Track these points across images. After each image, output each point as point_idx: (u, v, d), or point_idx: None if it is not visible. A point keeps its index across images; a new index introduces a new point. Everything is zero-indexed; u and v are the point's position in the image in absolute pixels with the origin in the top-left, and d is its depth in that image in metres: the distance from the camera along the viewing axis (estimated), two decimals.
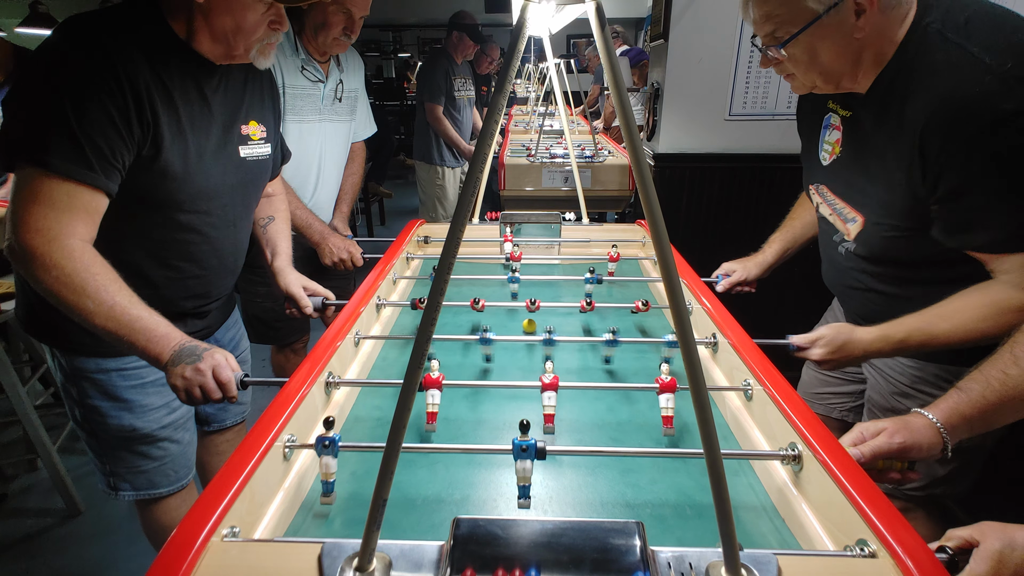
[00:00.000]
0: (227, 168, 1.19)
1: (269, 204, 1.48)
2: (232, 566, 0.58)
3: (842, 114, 1.10)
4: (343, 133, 1.94)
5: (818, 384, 1.43)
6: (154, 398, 1.23)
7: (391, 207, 6.10)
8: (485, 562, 0.54)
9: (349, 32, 1.69)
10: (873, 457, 0.81)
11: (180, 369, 0.98)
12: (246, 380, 1.02)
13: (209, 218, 1.18)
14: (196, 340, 1.03)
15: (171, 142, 1.06)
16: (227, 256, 1.28)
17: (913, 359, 1.13)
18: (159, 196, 1.09)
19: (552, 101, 3.34)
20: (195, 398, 1.00)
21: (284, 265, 1.43)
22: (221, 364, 1.00)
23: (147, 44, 1.03)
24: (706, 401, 0.49)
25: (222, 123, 1.18)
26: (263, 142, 1.29)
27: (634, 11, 7.42)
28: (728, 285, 1.46)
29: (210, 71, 1.13)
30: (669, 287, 0.48)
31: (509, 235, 1.71)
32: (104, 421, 1.21)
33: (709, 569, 0.55)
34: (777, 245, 1.45)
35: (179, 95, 1.07)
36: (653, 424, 0.97)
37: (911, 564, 0.56)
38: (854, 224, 1.10)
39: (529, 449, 0.72)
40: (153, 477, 1.28)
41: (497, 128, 0.48)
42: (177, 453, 1.31)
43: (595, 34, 0.45)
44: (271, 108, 1.34)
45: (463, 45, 3.62)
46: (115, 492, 1.28)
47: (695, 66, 2.20)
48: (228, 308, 1.44)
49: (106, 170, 0.98)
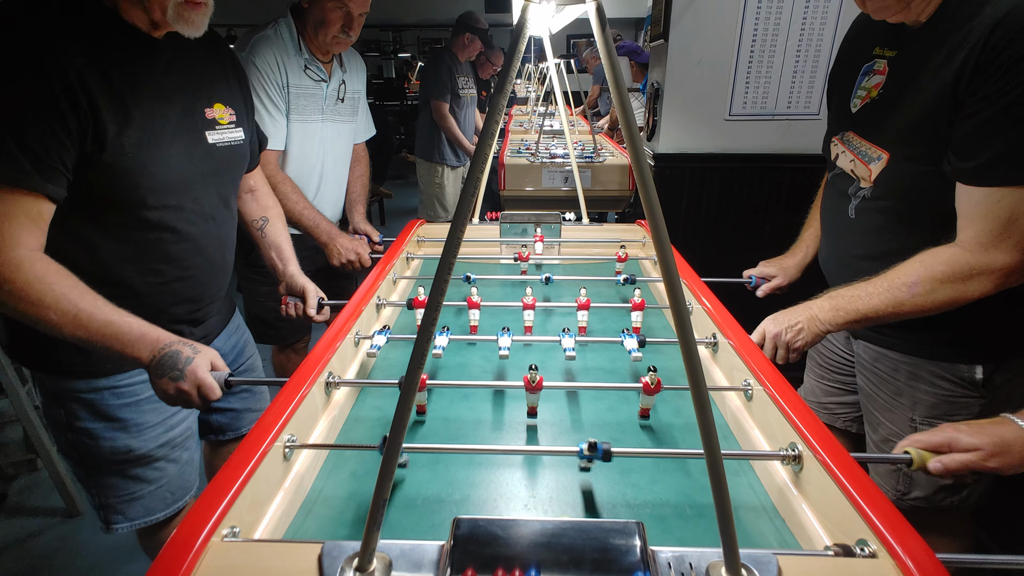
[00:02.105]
0: (193, 156, 1.10)
1: (257, 203, 1.41)
2: (232, 566, 0.58)
3: (889, 55, 1.10)
4: (346, 133, 1.94)
5: (821, 394, 1.43)
6: (150, 416, 1.17)
7: (391, 207, 6.10)
8: (485, 562, 0.54)
9: (348, 29, 1.69)
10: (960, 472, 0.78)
11: (164, 383, 0.95)
12: (230, 380, 0.99)
13: (182, 212, 1.10)
14: (178, 344, 0.98)
15: (117, 132, 0.97)
16: (212, 252, 1.20)
17: (909, 356, 1.13)
18: (119, 194, 1.01)
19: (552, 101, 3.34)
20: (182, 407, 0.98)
21: (296, 271, 1.40)
22: (204, 381, 0.96)
23: (73, 23, 0.93)
24: (706, 401, 0.49)
25: (180, 105, 1.08)
26: (233, 126, 1.19)
27: (634, 11, 7.42)
28: (768, 291, 1.45)
29: (154, 48, 1.03)
30: (669, 287, 0.48)
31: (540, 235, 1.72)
32: (96, 444, 1.14)
33: (709, 569, 0.55)
34: (813, 243, 1.44)
35: (119, 78, 0.97)
36: (652, 424, 0.97)
37: (911, 564, 0.56)
38: (878, 163, 1.08)
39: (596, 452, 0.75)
40: (149, 503, 1.21)
41: (498, 128, 0.48)
42: (174, 474, 1.23)
43: (595, 34, 0.45)
44: (239, 90, 1.25)
45: (472, 47, 3.65)
46: (107, 527, 1.19)
47: (695, 66, 2.20)
48: (227, 313, 1.37)
49: (43, 171, 0.89)
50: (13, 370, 1.95)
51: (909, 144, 1.03)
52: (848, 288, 1.07)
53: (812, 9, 2.08)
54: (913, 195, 1.05)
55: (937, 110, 0.96)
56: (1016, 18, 0.86)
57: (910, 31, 1.05)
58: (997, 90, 0.88)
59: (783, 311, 1.12)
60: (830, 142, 1.25)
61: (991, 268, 0.94)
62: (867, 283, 1.05)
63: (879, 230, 1.12)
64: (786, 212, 1.51)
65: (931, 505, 1.13)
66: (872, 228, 1.13)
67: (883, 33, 1.12)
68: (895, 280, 1.01)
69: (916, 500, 1.14)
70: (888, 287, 1.01)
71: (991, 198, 0.91)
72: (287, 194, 1.71)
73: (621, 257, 1.53)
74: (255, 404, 1.50)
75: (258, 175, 1.43)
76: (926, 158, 1.00)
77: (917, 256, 1.01)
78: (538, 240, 1.71)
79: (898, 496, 1.15)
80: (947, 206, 0.99)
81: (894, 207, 1.08)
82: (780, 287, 1.45)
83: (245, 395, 1.47)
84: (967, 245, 0.95)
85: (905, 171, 1.05)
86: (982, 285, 0.95)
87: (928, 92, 0.98)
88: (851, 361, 1.33)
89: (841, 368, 1.36)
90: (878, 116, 1.10)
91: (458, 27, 3.64)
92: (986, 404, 1.09)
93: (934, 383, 1.10)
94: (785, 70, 2.16)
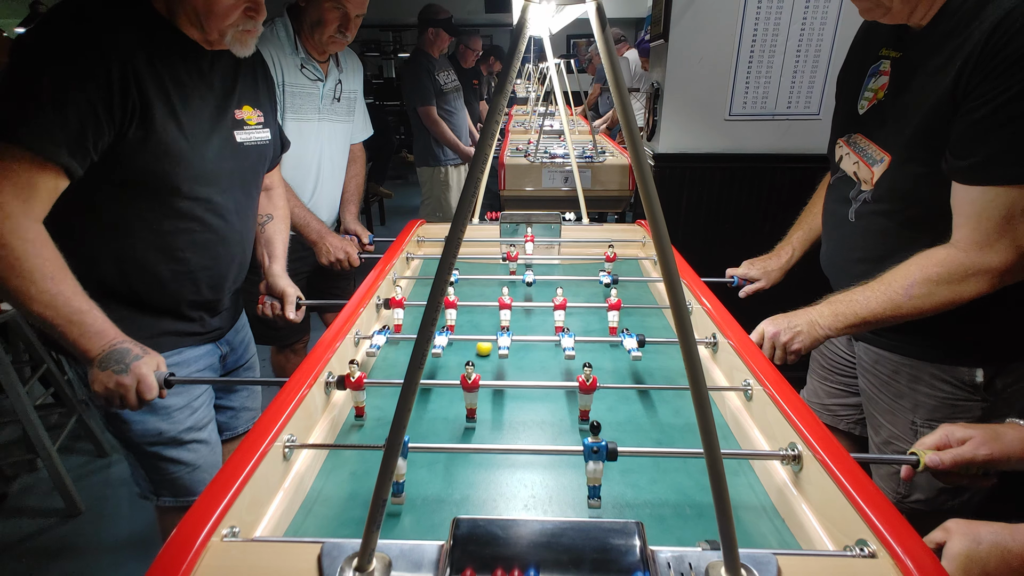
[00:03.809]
0: (223, 153, 1.17)
1: (268, 200, 1.46)
2: (232, 566, 0.58)
3: (893, 56, 1.09)
4: (342, 133, 1.94)
5: (824, 395, 1.43)
6: (175, 399, 1.21)
7: (391, 207, 6.10)
8: (485, 562, 0.54)
9: (344, 30, 1.69)
10: (954, 465, 0.79)
11: (105, 376, 0.96)
12: (170, 379, 1.00)
13: (210, 205, 1.17)
14: (130, 343, 1.00)
15: (163, 121, 1.04)
16: (234, 246, 1.26)
17: (909, 358, 1.13)
18: (156, 179, 1.07)
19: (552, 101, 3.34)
20: (113, 406, 0.99)
21: (280, 272, 1.43)
22: (145, 379, 0.98)
23: (136, 22, 1.02)
24: (706, 401, 0.49)
25: (215, 106, 1.16)
26: (260, 127, 1.27)
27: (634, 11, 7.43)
28: (750, 292, 1.46)
29: (199, 53, 1.12)
30: (669, 287, 0.48)
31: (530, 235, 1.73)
32: (129, 428, 1.19)
33: (709, 569, 0.55)
34: (800, 245, 1.44)
35: (169, 76, 1.05)
36: (653, 423, 0.97)
37: (911, 564, 0.56)
38: (880, 165, 1.08)
39: (600, 451, 0.73)
40: (187, 483, 1.27)
41: (498, 128, 0.48)
42: (207, 455, 1.29)
43: (595, 34, 0.45)
44: (266, 94, 1.33)
45: (440, 40, 3.54)
46: (156, 497, 1.27)
47: (695, 66, 2.20)
48: (238, 308, 1.43)
49: (74, 150, 0.94)
50: (13, 370, 1.95)
51: (911, 146, 1.03)
52: (847, 293, 1.07)
53: (812, 9, 2.08)
54: (914, 198, 1.05)
55: (938, 113, 0.96)
56: (1015, 19, 0.86)
57: (913, 33, 1.04)
58: (994, 89, 0.88)
59: (784, 314, 1.13)
60: (835, 144, 1.24)
61: (986, 267, 0.93)
62: (865, 287, 1.05)
63: (879, 233, 1.11)
64: (786, 212, 1.51)
65: (932, 508, 1.13)
66: (872, 231, 1.13)
67: (889, 34, 1.12)
68: (892, 283, 1.01)
69: (917, 503, 1.14)
70: (885, 290, 1.01)
71: (986, 197, 0.91)
72: None
73: (609, 257, 1.53)
74: (252, 403, 1.52)
75: (275, 176, 1.48)
76: (927, 161, 1.00)
77: (912, 258, 1.00)
78: (528, 240, 1.70)
79: (899, 499, 1.15)
80: (948, 209, 0.98)
81: (894, 210, 1.08)
82: (762, 289, 1.45)
83: (246, 393, 1.49)
84: (962, 244, 0.95)
85: (906, 173, 1.05)
86: (978, 285, 0.95)
87: (929, 95, 0.98)
88: (853, 363, 1.32)
89: (844, 370, 1.36)
90: (883, 118, 1.10)
91: (420, 24, 3.54)
92: (988, 408, 1.08)
93: (935, 386, 1.10)
94: (785, 70, 2.16)
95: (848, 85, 1.23)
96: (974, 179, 0.92)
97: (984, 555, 0.66)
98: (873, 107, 1.13)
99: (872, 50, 1.16)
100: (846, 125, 1.22)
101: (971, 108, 0.91)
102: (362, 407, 0.99)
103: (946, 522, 0.72)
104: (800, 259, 1.45)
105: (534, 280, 1.46)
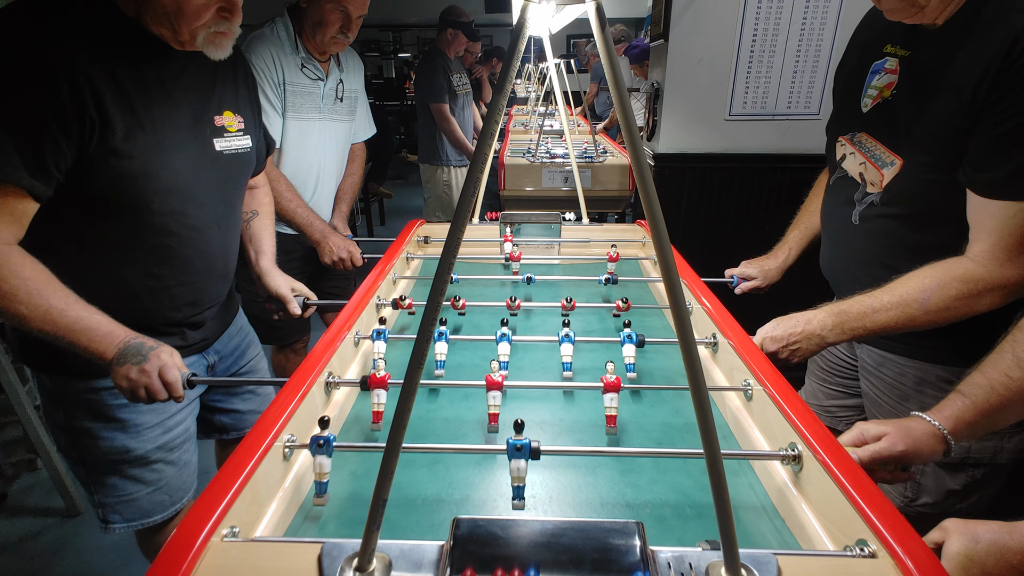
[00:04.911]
0: (200, 163, 1.11)
1: (252, 197, 1.41)
2: (232, 566, 0.58)
3: (901, 55, 1.07)
4: (343, 133, 1.94)
5: (823, 397, 1.42)
6: (148, 416, 1.17)
7: (391, 207, 6.09)
8: (485, 562, 0.54)
9: (346, 31, 1.69)
10: (872, 462, 0.81)
11: (125, 369, 0.95)
12: (192, 380, 0.99)
13: (186, 218, 1.10)
14: (143, 337, 0.99)
15: (125, 135, 0.97)
16: (215, 260, 1.20)
17: (915, 360, 1.12)
18: (124, 196, 1.01)
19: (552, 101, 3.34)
20: (140, 399, 0.97)
21: (270, 266, 1.40)
22: (167, 364, 0.97)
23: (90, 26, 0.94)
24: (706, 401, 0.49)
25: (191, 113, 1.09)
26: (241, 134, 1.20)
27: (634, 11, 7.43)
28: (747, 290, 1.46)
29: (168, 55, 1.04)
30: (669, 287, 0.48)
31: (509, 235, 1.72)
32: (94, 444, 1.14)
33: (709, 569, 0.55)
34: (797, 244, 1.43)
35: (131, 82, 0.98)
36: (653, 423, 0.97)
37: (911, 564, 0.56)
38: (890, 168, 1.06)
39: (523, 449, 0.72)
40: (145, 505, 1.21)
41: (497, 128, 0.48)
42: (172, 476, 1.23)
43: (595, 34, 0.45)
44: (247, 97, 1.26)
45: (457, 42, 3.57)
46: (105, 526, 1.19)
47: (695, 66, 2.20)
48: (227, 316, 1.36)
49: (35, 171, 0.90)
50: (13, 370, 1.95)
51: (924, 151, 1.01)
52: (853, 303, 1.04)
53: (812, 9, 2.08)
54: (924, 203, 1.03)
55: (953, 119, 0.94)
56: None
57: (925, 32, 1.02)
58: (1018, 102, 0.87)
59: (785, 318, 1.11)
60: (836, 142, 1.21)
61: (1004, 282, 0.92)
62: (873, 297, 1.02)
63: (886, 237, 1.10)
64: (786, 212, 1.51)
65: (940, 511, 1.12)
66: (878, 234, 1.11)
67: (896, 30, 1.09)
68: (905, 296, 0.98)
69: (924, 506, 1.13)
70: (899, 303, 0.99)
71: (1007, 212, 0.90)
72: (281, 192, 1.71)
73: (612, 257, 1.53)
74: (258, 406, 1.50)
75: (260, 175, 1.44)
76: (940, 167, 0.98)
77: (925, 270, 0.98)
78: (506, 240, 1.69)
79: (906, 503, 1.14)
80: (957, 215, 0.97)
81: (904, 214, 1.06)
82: (759, 288, 1.45)
83: (248, 396, 1.47)
84: (980, 259, 0.94)
85: (918, 178, 1.02)
86: (993, 299, 0.94)
87: (944, 100, 0.96)
88: (854, 365, 1.32)
89: (844, 372, 1.36)
90: (891, 119, 1.08)
91: (441, 24, 3.56)
92: None
93: (942, 388, 1.08)
94: (785, 70, 2.16)
95: (848, 79, 1.19)
96: (996, 193, 0.91)
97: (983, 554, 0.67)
98: (878, 106, 1.10)
99: (876, 44, 1.13)
100: (848, 122, 1.19)
101: (993, 121, 0.89)
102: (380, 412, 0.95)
103: (943, 522, 0.72)
104: (798, 258, 1.44)
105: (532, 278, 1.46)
